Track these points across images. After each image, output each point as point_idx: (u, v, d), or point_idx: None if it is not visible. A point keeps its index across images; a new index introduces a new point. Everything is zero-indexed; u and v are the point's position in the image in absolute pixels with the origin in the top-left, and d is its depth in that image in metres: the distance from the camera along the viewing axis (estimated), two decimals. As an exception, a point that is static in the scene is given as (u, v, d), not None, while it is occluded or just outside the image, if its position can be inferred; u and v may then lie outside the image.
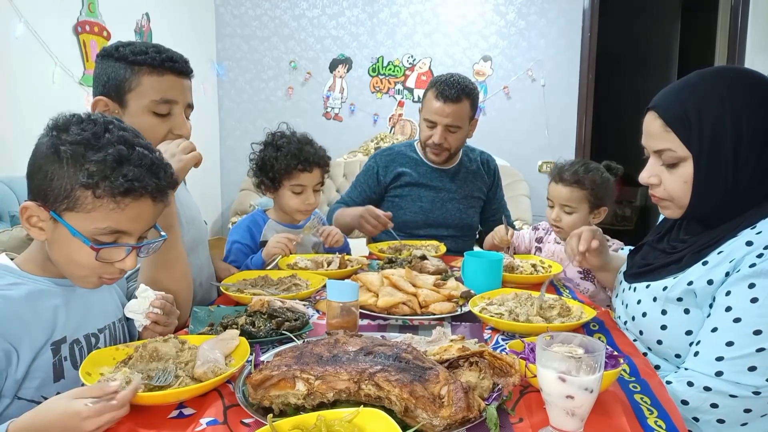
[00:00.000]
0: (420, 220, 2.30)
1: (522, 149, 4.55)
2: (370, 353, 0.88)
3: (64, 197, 0.95)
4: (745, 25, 4.20)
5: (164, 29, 3.83)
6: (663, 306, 1.15)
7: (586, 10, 4.44)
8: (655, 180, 1.16)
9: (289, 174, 1.85)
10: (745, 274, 1.01)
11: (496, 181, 2.46)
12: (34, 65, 2.74)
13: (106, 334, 1.13)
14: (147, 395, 0.86)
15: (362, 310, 1.32)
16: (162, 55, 1.35)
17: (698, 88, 1.10)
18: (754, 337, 0.98)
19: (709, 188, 1.09)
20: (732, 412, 1.00)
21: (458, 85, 2.12)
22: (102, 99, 1.37)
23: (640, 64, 6.47)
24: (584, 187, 1.84)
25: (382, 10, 4.65)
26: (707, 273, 1.08)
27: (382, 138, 4.64)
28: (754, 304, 0.99)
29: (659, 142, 1.13)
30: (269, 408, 0.85)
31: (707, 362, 1.02)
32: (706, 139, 1.07)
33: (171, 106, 1.38)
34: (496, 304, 1.32)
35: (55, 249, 1.01)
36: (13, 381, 0.96)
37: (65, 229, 0.97)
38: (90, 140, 0.96)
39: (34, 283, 1.03)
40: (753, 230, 1.06)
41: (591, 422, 0.82)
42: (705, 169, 1.08)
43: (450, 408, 0.79)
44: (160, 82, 1.36)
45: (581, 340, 0.85)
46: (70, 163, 0.94)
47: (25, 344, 0.97)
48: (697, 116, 1.07)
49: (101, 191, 0.95)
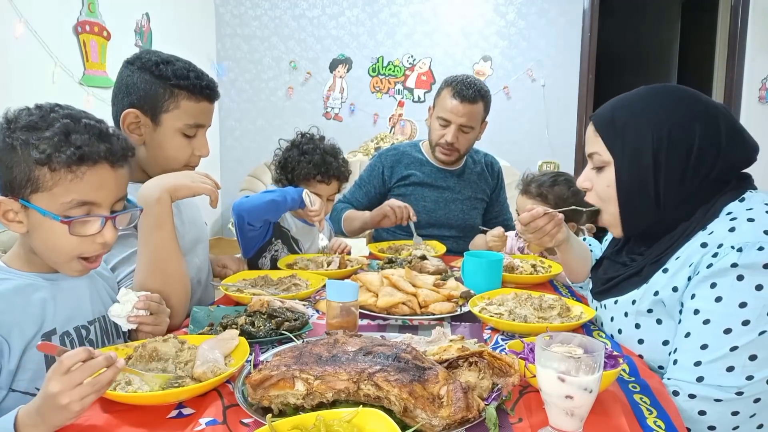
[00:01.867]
0: (423, 220, 2.30)
1: (522, 149, 4.55)
2: (370, 353, 0.88)
3: (26, 181, 0.98)
4: (745, 25, 4.21)
5: (164, 29, 3.83)
6: (636, 320, 1.16)
7: (586, 10, 4.44)
8: (588, 184, 1.23)
9: (307, 181, 1.86)
10: (704, 275, 1.03)
11: (499, 184, 2.46)
12: (34, 65, 2.74)
13: (96, 326, 1.14)
14: (147, 395, 0.86)
15: (362, 310, 1.32)
16: (202, 83, 1.41)
17: (630, 100, 1.17)
18: (726, 337, 0.99)
19: (633, 194, 1.14)
20: (721, 417, 0.99)
21: (475, 86, 2.14)
22: (133, 111, 1.39)
23: (640, 64, 6.46)
24: (547, 201, 1.80)
25: (382, 10, 4.65)
26: (670, 281, 1.09)
27: (382, 138, 4.64)
28: (719, 303, 1.00)
29: (590, 146, 1.20)
30: (268, 408, 0.85)
31: (687, 369, 1.02)
32: (627, 145, 1.13)
33: (198, 129, 1.45)
34: (495, 304, 1.32)
35: (35, 238, 1.03)
36: (7, 372, 0.97)
37: (38, 213, 0.99)
38: (37, 123, 1.00)
39: (20, 278, 1.04)
40: (705, 231, 1.08)
41: (590, 422, 0.82)
42: (626, 174, 1.14)
43: (449, 408, 0.79)
44: (196, 107, 1.42)
45: (581, 340, 0.85)
46: (22, 148, 0.98)
47: (15, 336, 0.98)
48: (623, 124, 1.14)
49: (56, 164, 0.97)
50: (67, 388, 0.76)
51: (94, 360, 0.78)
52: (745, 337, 0.97)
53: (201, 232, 1.67)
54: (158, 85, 1.37)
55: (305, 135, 1.92)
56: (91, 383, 0.78)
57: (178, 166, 1.43)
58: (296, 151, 1.87)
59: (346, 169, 1.92)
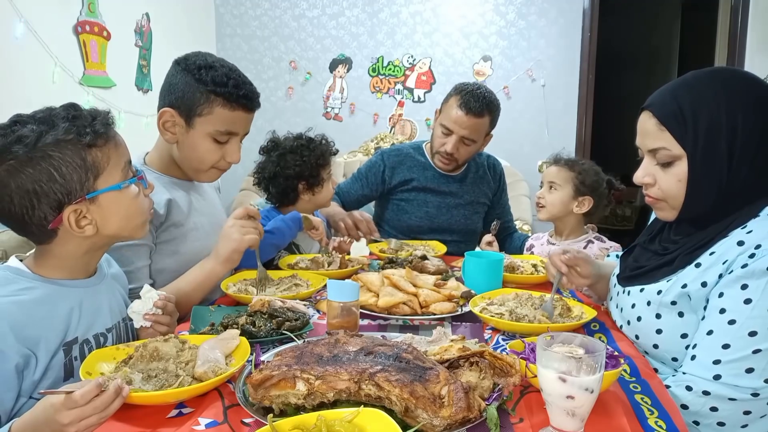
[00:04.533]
0: (425, 225, 2.29)
1: (522, 149, 4.55)
2: (371, 353, 0.88)
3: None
4: (745, 25, 4.20)
5: (164, 29, 3.83)
6: (657, 310, 1.14)
7: (586, 10, 4.44)
8: (650, 180, 1.15)
9: (323, 168, 1.93)
10: (738, 275, 1.01)
11: (501, 186, 2.44)
12: (34, 65, 2.74)
13: (113, 333, 1.14)
14: (147, 395, 0.86)
15: (363, 310, 1.32)
16: (240, 92, 1.43)
17: (693, 87, 1.10)
18: (750, 339, 0.98)
19: (704, 187, 1.09)
20: (732, 414, 0.99)
21: (484, 99, 2.09)
22: (169, 111, 1.43)
23: (640, 64, 6.46)
24: (572, 170, 1.97)
25: (382, 10, 4.65)
26: (701, 275, 1.07)
27: (382, 138, 4.63)
28: (747, 305, 0.99)
29: (654, 141, 1.12)
30: (269, 408, 0.85)
31: (705, 366, 1.02)
32: (701, 137, 1.06)
33: (231, 137, 1.47)
34: (496, 304, 1.32)
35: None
36: (31, 382, 0.97)
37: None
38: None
39: (45, 286, 1.03)
40: (743, 230, 1.05)
41: (591, 422, 0.82)
42: (700, 167, 1.07)
43: (450, 408, 0.79)
44: (230, 115, 1.44)
45: (582, 340, 0.85)
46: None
47: (41, 348, 0.98)
48: (692, 114, 1.07)
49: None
50: (75, 421, 0.78)
51: (105, 395, 0.80)
52: None
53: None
54: (196, 89, 1.40)
55: (270, 141, 1.99)
56: (98, 416, 0.80)
57: (207, 167, 1.50)
58: (292, 157, 1.91)
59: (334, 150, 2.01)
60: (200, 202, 1.60)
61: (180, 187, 1.53)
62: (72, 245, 1.04)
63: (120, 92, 3.28)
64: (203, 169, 1.51)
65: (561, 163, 2.00)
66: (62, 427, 0.78)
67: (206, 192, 1.69)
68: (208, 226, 1.58)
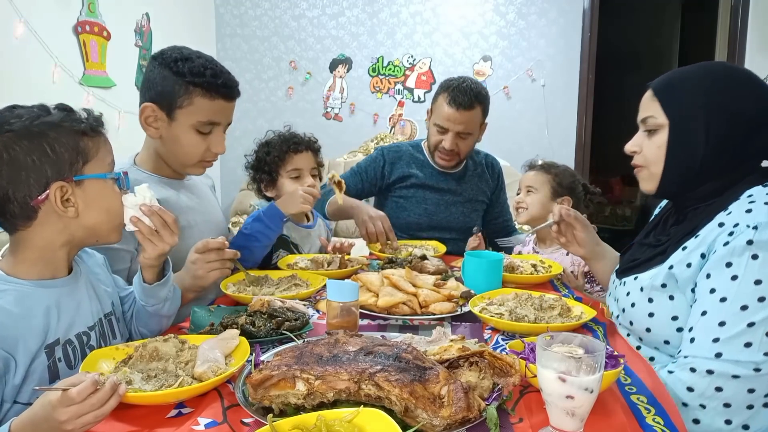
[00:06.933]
0: (424, 222, 2.30)
1: (522, 149, 4.54)
2: (370, 353, 0.88)
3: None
4: (745, 25, 4.21)
5: (164, 29, 3.83)
6: (649, 294, 1.19)
7: (586, 10, 4.44)
8: (636, 148, 1.25)
9: (283, 160, 1.88)
10: (721, 254, 1.05)
11: (500, 185, 2.45)
12: (34, 65, 2.74)
13: (96, 330, 1.12)
14: (147, 395, 0.86)
15: (362, 310, 1.32)
16: (218, 81, 1.42)
17: (689, 70, 1.20)
18: (743, 313, 1.01)
19: (680, 156, 1.17)
20: (736, 393, 1.01)
21: (471, 92, 2.09)
22: (150, 105, 1.42)
23: (640, 64, 6.45)
24: (548, 173, 2.02)
25: (382, 10, 4.65)
26: (686, 257, 1.12)
27: (382, 138, 4.64)
28: (735, 281, 1.03)
29: (644, 111, 1.22)
30: (269, 408, 0.85)
31: (705, 346, 1.04)
32: (683, 108, 1.16)
33: (213, 127, 1.47)
34: (496, 304, 1.32)
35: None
36: (12, 386, 0.96)
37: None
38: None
39: (21, 287, 1.01)
40: (724, 212, 1.11)
41: (591, 422, 0.82)
42: (678, 136, 1.16)
43: (450, 408, 0.79)
44: (210, 105, 1.43)
45: (581, 340, 0.85)
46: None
47: (20, 350, 0.96)
48: (680, 87, 1.17)
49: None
50: (72, 418, 0.78)
51: (102, 392, 0.80)
52: (761, 313, 1.00)
53: (221, 229, 1.71)
54: (174, 81, 1.39)
55: (262, 141, 1.98)
56: (95, 414, 0.79)
57: (194, 161, 1.49)
58: (262, 147, 1.93)
59: (312, 138, 1.98)
60: (193, 200, 1.59)
61: (170, 186, 1.53)
62: (49, 232, 1.02)
63: (120, 92, 3.28)
64: (190, 164, 1.50)
65: (537, 168, 2.06)
66: (60, 425, 0.77)
67: (200, 190, 1.68)
68: (203, 224, 1.58)
